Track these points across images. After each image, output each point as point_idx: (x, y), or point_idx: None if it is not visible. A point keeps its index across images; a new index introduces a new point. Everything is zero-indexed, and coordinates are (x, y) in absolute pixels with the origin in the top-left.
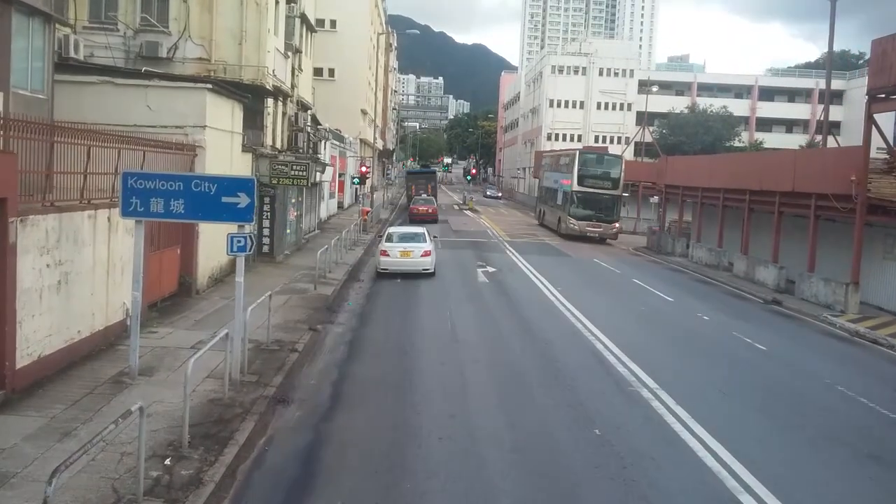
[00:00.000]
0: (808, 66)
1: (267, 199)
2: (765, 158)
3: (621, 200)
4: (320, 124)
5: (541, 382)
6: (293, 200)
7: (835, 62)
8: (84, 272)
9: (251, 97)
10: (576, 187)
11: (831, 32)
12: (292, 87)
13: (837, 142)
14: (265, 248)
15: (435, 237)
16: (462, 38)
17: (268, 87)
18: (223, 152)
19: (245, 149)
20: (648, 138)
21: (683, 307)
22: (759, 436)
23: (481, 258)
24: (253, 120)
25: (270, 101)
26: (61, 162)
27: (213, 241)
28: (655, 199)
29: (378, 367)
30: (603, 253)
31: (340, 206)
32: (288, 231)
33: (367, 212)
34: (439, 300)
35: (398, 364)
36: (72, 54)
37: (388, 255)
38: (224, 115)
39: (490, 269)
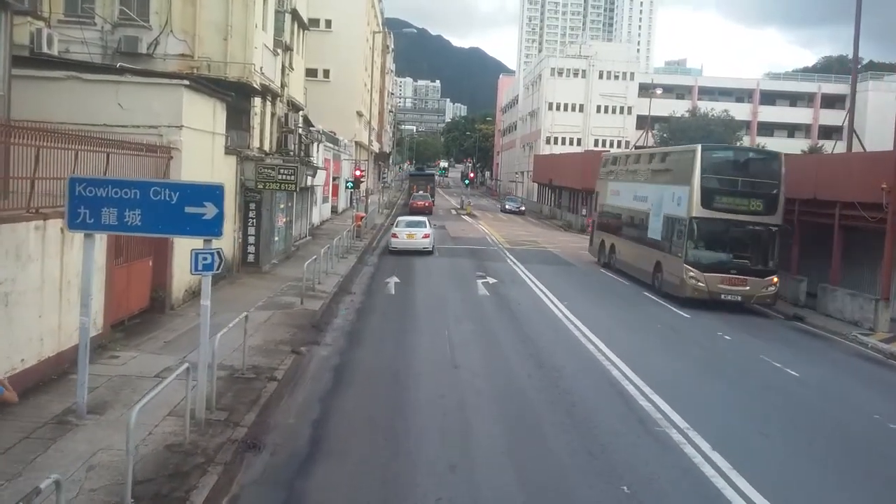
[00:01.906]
0: (805, 70)
1: (252, 205)
2: (823, 161)
3: (780, 235)
4: (313, 126)
5: (554, 421)
6: (282, 206)
7: (833, 67)
8: (30, 292)
9: (235, 96)
10: (699, 211)
11: (856, 32)
12: (282, 86)
13: (863, 146)
14: (250, 258)
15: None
16: (459, 41)
17: (255, 85)
18: (203, 155)
19: (228, 151)
20: (651, 142)
21: (700, 323)
22: (817, 492)
23: (480, 268)
24: (238, 120)
25: (258, 101)
26: (18, 166)
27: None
28: None
29: (367, 400)
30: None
31: (334, 210)
32: (276, 238)
33: (362, 217)
34: (436, 316)
35: (390, 397)
36: (45, 49)
37: (397, 238)
38: (204, 115)
39: (490, 281)
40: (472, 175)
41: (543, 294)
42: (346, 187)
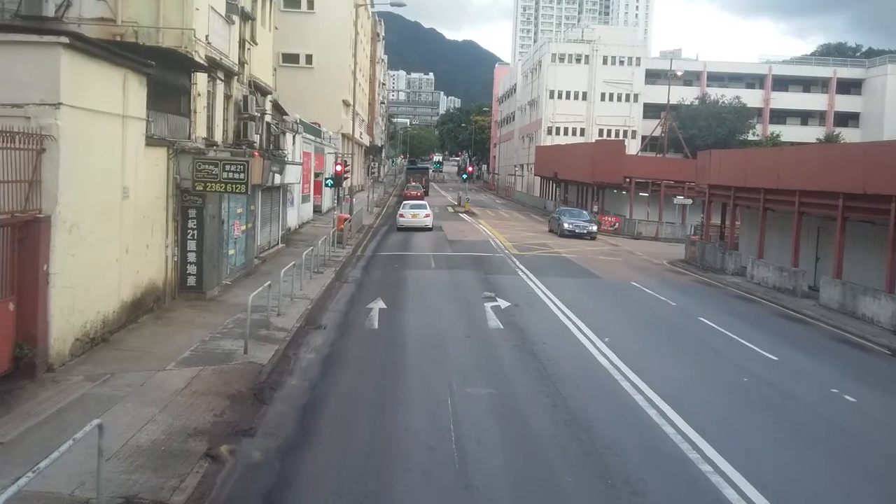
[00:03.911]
0: (803, 58)
1: (192, 213)
2: (870, 150)
3: None
4: (286, 114)
5: None
6: (240, 210)
7: (832, 55)
8: None
9: (172, 71)
10: None
11: None
12: (241, 63)
13: None
14: (191, 281)
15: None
16: (452, 34)
17: (197, 58)
18: (102, 145)
19: (153, 142)
20: (657, 133)
21: (797, 371)
22: None
23: (487, 284)
24: (174, 103)
25: (203, 80)
26: None
27: (85, 283)
28: (682, 199)
29: None
30: (636, 271)
31: (318, 210)
32: (231, 252)
33: (346, 219)
34: (433, 370)
35: None
36: None
37: (404, 217)
38: (105, 90)
39: (501, 304)
40: (470, 169)
41: (573, 324)
42: (326, 185)
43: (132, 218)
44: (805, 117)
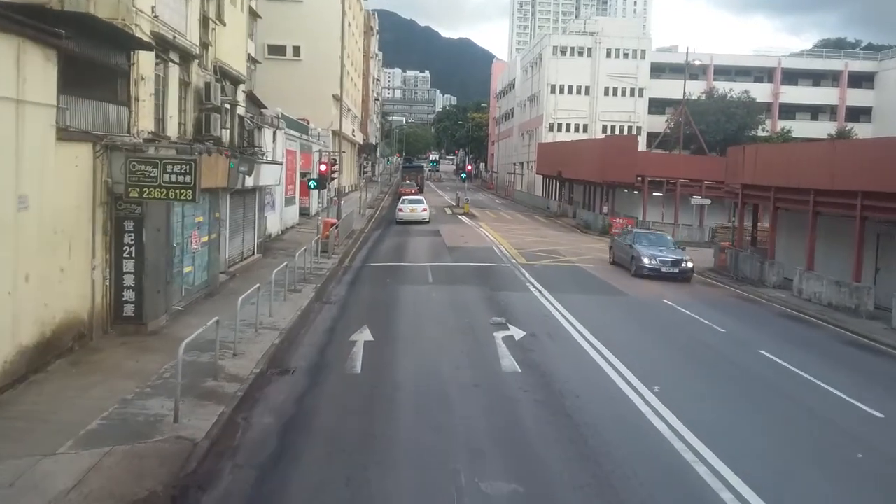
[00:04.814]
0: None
1: (129, 225)
2: None
3: None
4: (265, 107)
5: None
6: (199, 219)
7: (831, 49)
8: None
9: (85, 41)
10: None
11: None
12: (203, 45)
13: None
14: (127, 310)
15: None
16: (448, 32)
17: (138, 33)
18: None
19: (70, 135)
20: (667, 127)
21: None
22: None
23: (495, 305)
24: (110, 88)
25: (149, 60)
26: None
27: None
28: (700, 199)
29: None
30: (665, 285)
31: (305, 213)
32: (188, 269)
33: (332, 225)
34: (433, 444)
35: None
36: None
37: (402, 211)
38: None
39: (514, 334)
40: (469, 167)
41: (608, 363)
42: (309, 186)
43: (36, 235)
44: (815, 112)
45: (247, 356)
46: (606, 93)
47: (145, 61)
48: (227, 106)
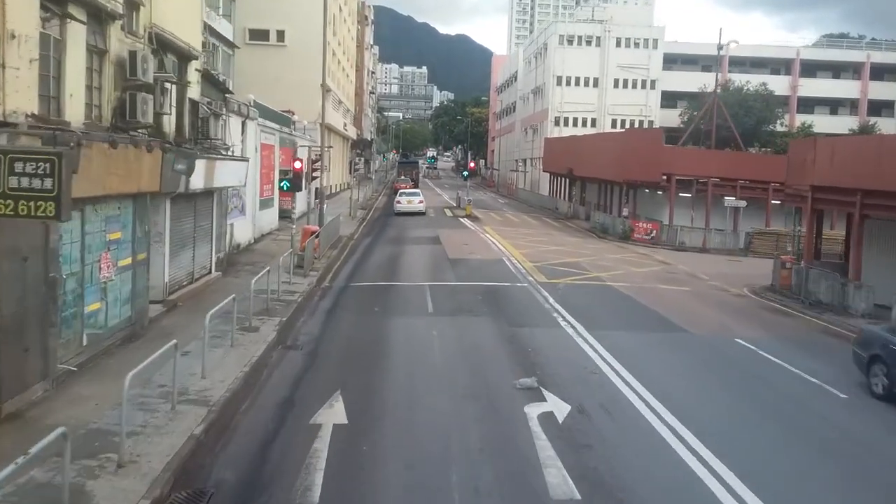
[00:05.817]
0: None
1: None
2: None
3: None
4: (230, 92)
5: None
6: (115, 235)
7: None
8: None
9: None
10: None
11: None
12: (132, 4)
13: None
14: None
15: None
16: (445, 28)
17: None
18: None
19: None
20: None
21: None
22: None
23: (519, 354)
24: None
25: (34, 14)
26: None
27: None
28: (734, 201)
29: None
30: (722, 311)
31: (287, 216)
32: (94, 306)
33: (312, 233)
34: None
35: None
36: None
37: (400, 204)
38: None
39: (554, 410)
40: (472, 165)
41: (704, 467)
42: (281, 188)
43: None
44: (835, 106)
45: (139, 467)
46: (616, 84)
47: (22, 13)
48: (168, 85)
